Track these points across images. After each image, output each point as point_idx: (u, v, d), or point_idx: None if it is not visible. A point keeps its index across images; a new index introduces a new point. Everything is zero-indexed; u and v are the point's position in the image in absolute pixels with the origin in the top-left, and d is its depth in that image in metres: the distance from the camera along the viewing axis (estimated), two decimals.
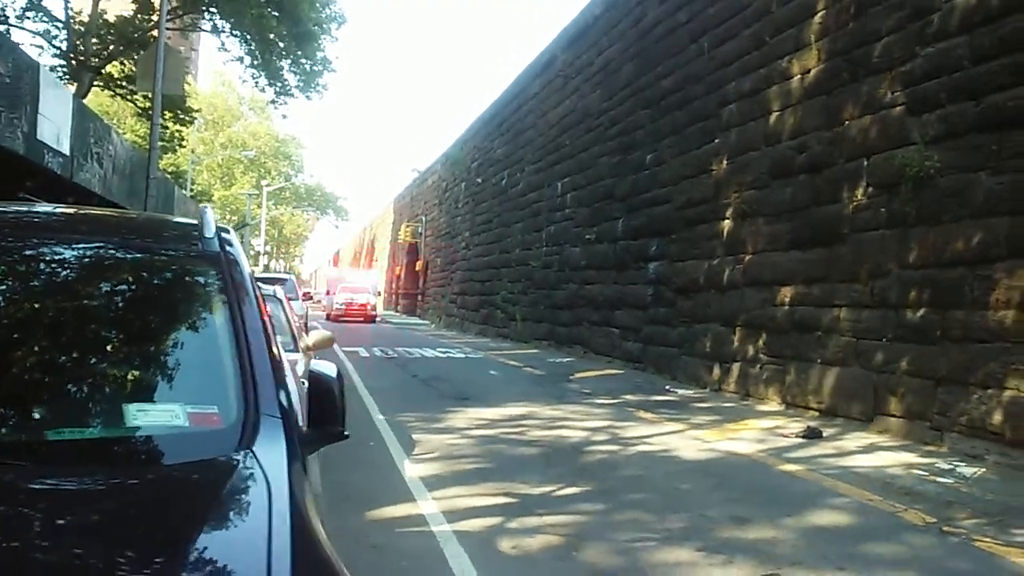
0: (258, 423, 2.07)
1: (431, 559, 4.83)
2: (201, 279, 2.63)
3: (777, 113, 12.56)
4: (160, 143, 26.55)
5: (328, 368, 2.55)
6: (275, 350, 2.48)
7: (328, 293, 46.98)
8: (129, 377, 2.30)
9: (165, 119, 26.46)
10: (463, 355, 20.25)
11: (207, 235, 2.74)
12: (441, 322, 38.23)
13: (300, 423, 2.39)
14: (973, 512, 6.24)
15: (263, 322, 2.46)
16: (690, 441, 8.96)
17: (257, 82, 27.94)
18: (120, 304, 2.61)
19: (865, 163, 10.46)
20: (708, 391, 13.36)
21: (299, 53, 26.08)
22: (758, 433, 9.57)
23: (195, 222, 2.91)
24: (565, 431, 9.36)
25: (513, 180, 28.41)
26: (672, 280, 15.60)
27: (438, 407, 10.94)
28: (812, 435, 9.23)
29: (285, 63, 26.68)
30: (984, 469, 7.72)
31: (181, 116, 28.54)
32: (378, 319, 40.88)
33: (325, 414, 2.41)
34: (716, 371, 13.59)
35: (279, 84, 27.28)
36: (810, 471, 7.56)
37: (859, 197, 10.52)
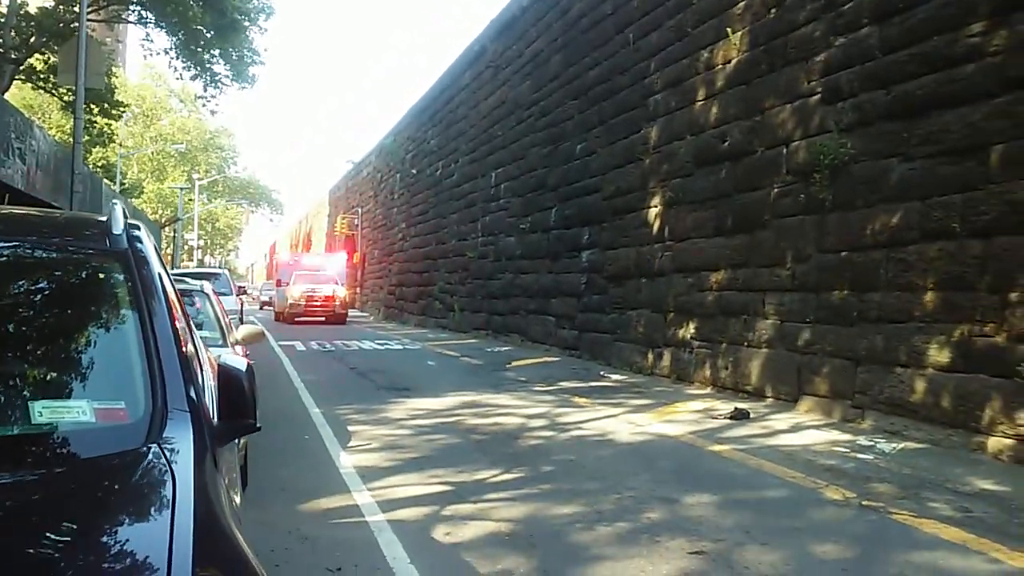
0: (165, 417, 2.15)
1: (365, 549, 4.93)
2: (109, 276, 2.66)
3: (700, 103, 12.85)
4: (88, 137, 25.92)
5: (238, 362, 2.59)
6: (187, 346, 2.54)
7: (279, 285, 35.50)
8: (35, 375, 2.36)
9: (93, 113, 25.87)
10: (401, 346, 20.27)
11: (115, 232, 2.76)
12: (380, 314, 38.08)
13: (212, 417, 2.43)
14: (891, 486, 6.55)
15: (172, 318, 2.51)
16: (624, 425, 9.19)
17: (182, 75, 27.54)
18: (25, 303, 2.64)
19: (784, 151, 10.79)
20: (642, 376, 13.64)
21: (227, 44, 25.71)
22: (689, 415, 9.85)
23: (104, 219, 2.94)
24: (502, 419, 9.52)
25: (448, 171, 28.44)
26: (604, 268, 15.86)
27: (375, 399, 11.00)
28: (740, 416, 9.52)
29: (213, 54, 26.29)
30: (903, 445, 8.07)
31: (109, 110, 27.91)
32: (348, 319, 32.41)
33: (235, 407, 2.44)
34: (649, 356, 13.88)
35: (207, 75, 26.88)
36: (737, 451, 7.83)
37: (779, 184, 10.85)
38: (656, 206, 14.00)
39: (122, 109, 32.44)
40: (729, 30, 12.08)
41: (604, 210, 15.96)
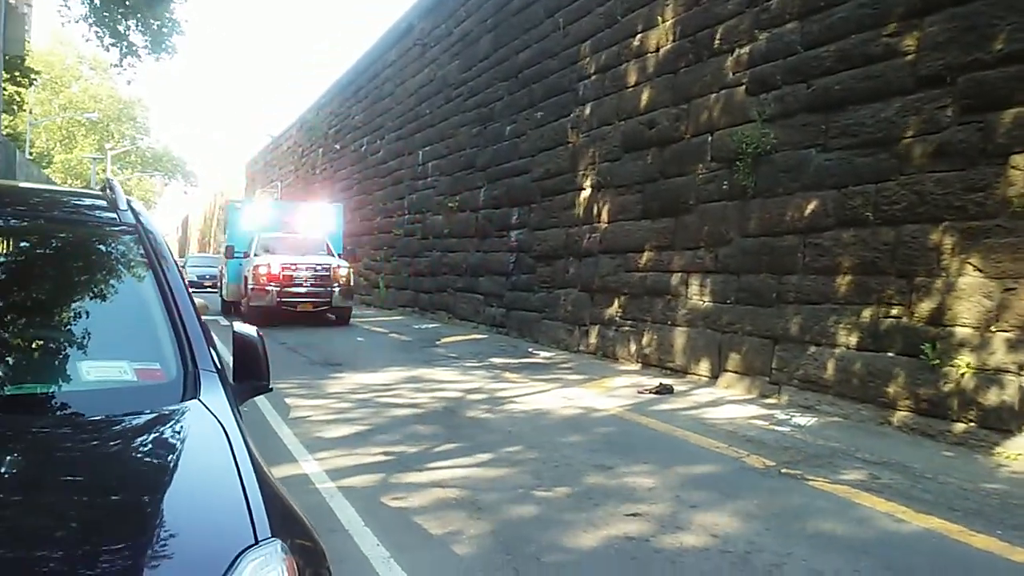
0: (198, 377, 2.39)
1: (319, 514, 5.13)
2: (126, 249, 2.87)
3: (629, 89, 13.22)
4: None
5: (250, 329, 2.81)
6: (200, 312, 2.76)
7: (231, 255, 20.69)
8: (76, 339, 2.56)
9: (3, 80, 24.97)
10: (328, 323, 20.27)
11: (121, 207, 2.98)
12: None
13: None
14: (806, 456, 7.05)
15: (185, 287, 2.74)
16: (556, 399, 9.55)
17: (102, 40, 26.74)
18: (59, 275, 2.86)
19: (710, 138, 11.25)
20: (569, 353, 14.05)
21: (147, 13, 25.04)
22: (617, 390, 10.27)
23: (100, 193, 3.14)
24: (436, 393, 9.78)
25: (373, 147, 28.36)
26: (533, 248, 16.19)
27: (310, 374, 11.13)
28: (665, 391, 9.99)
29: (131, 23, 25.57)
30: (816, 418, 8.62)
31: (18, 77, 26.98)
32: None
33: (250, 369, 2.67)
34: (576, 334, 14.30)
35: (124, 44, 26.15)
36: (664, 423, 8.27)
37: (704, 171, 11.32)
38: (585, 188, 14.37)
39: (33, 76, 31.35)
40: (660, 18, 12.46)
41: (533, 191, 16.28)
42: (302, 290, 18.27)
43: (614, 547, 4.72)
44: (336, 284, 18.53)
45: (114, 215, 2.93)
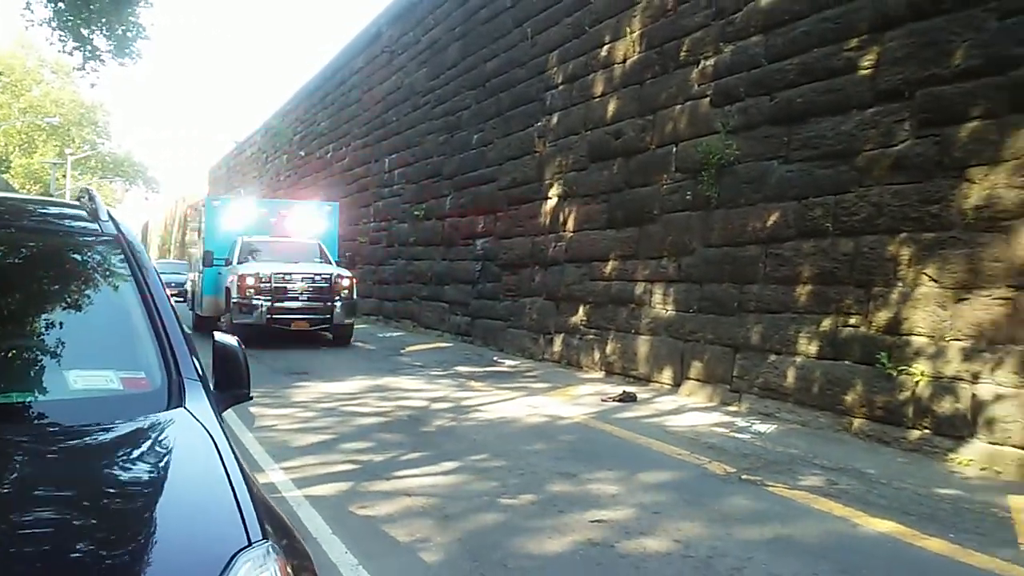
0: (182, 385, 2.42)
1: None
2: (109, 259, 2.90)
3: (596, 99, 13.35)
4: None
5: (231, 339, 2.86)
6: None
7: (209, 262, 17.41)
8: (62, 348, 2.58)
9: None
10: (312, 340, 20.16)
11: (102, 218, 3.01)
12: None
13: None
14: (766, 463, 7.17)
15: (167, 297, 2.78)
16: (521, 407, 9.60)
17: (65, 44, 26.43)
18: (43, 286, 2.88)
19: (674, 149, 11.40)
20: (533, 361, 14.12)
21: (111, 17, 24.81)
22: (581, 398, 10.35)
23: (81, 204, 3.16)
24: (402, 402, 9.79)
25: (339, 155, 28.27)
26: (499, 256, 16.25)
27: (275, 383, 11.07)
28: (628, 399, 10.08)
29: (95, 28, 25.31)
30: (776, 425, 8.76)
31: None
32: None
33: (232, 378, 2.73)
34: (541, 342, 14.37)
35: (87, 48, 25.88)
36: (627, 431, 8.35)
37: (668, 181, 11.46)
38: (551, 198, 14.47)
39: None
40: (627, 29, 12.61)
41: (500, 200, 16.35)
42: (297, 305, 15.37)
43: (579, 553, 4.78)
44: (337, 298, 15.61)
45: (96, 226, 2.96)
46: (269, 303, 15.14)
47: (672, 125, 11.47)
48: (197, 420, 2.30)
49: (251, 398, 2.87)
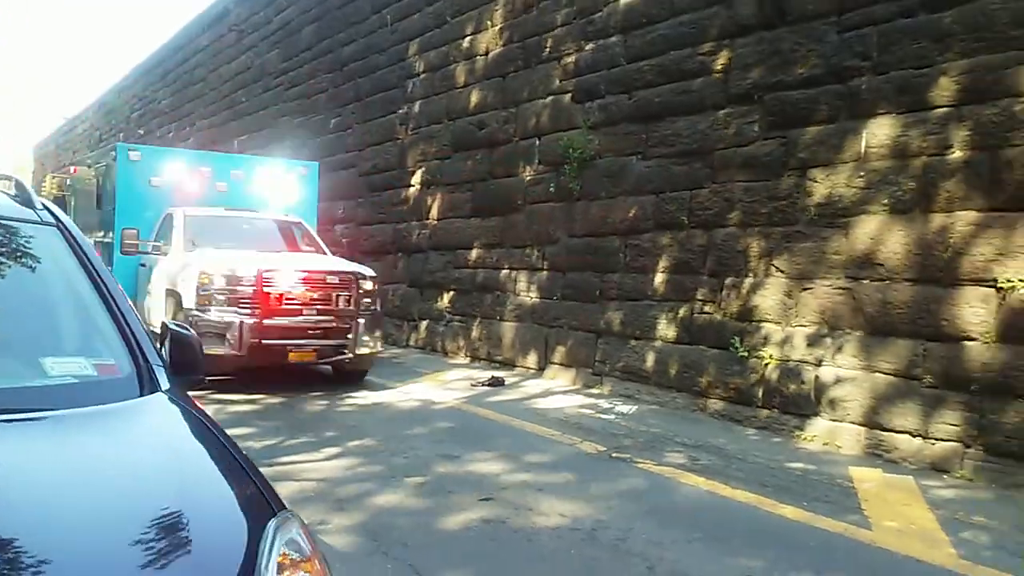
0: (152, 370, 2.49)
1: None
2: (54, 247, 2.87)
3: (458, 90, 13.58)
4: None
5: (185, 327, 2.92)
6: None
7: (134, 246, 10.61)
8: (31, 336, 2.60)
9: None
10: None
11: (37, 206, 2.99)
12: None
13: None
14: (632, 441, 7.64)
15: (115, 282, 2.82)
16: (393, 393, 9.75)
17: None
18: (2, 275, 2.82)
19: (537, 142, 11.79)
20: (398, 348, 14.24)
21: None
22: (451, 383, 10.59)
23: (7, 191, 3.11)
24: (272, 387, 9.73)
25: (182, 134, 27.27)
26: (360, 243, 16.24)
27: None
28: (496, 383, 10.41)
29: None
30: (637, 406, 9.30)
31: None
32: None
33: (188, 363, 2.77)
34: (405, 329, 14.52)
35: None
36: (501, 414, 8.67)
37: (532, 173, 11.85)
38: (415, 185, 14.61)
39: None
40: (489, 23, 12.88)
41: (360, 186, 16.33)
42: (299, 322, 9.43)
43: (473, 529, 5.05)
44: (361, 310, 9.82)
45: (33, 213, 2.93)
46: (253, 319, 9.15)
47: (535, 119, 11.84)
48: (182, 404, 2.40)
49: (204, 381, 2.94)
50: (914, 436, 7.05)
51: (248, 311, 9.17)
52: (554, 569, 4.54)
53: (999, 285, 6.55)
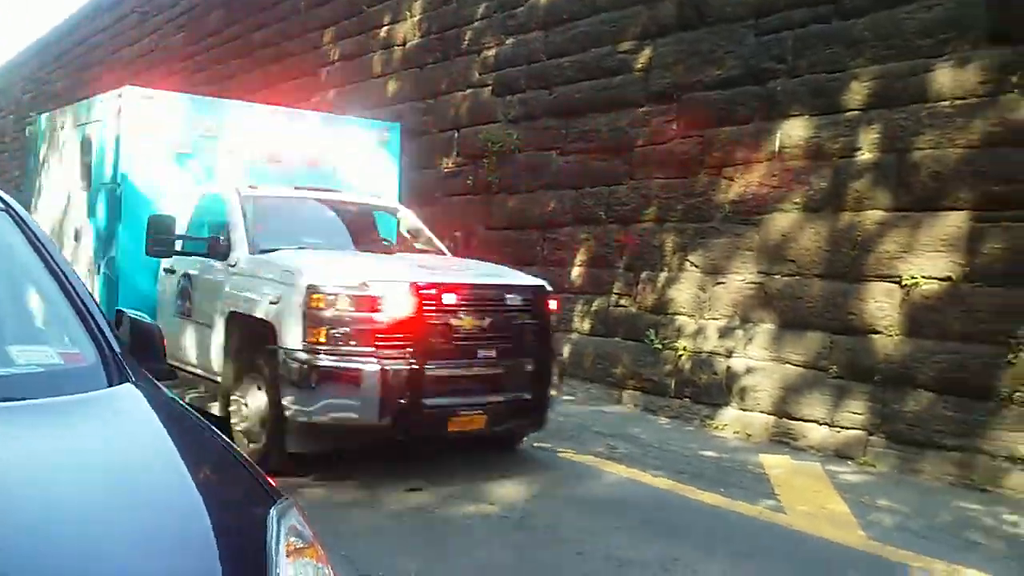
0: (119, 360, 2.42)
1: None
2: (7, 233, 2.72)
3: (376, 79, 13.47)
4: None
5: (142, 315, 2.83)
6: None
7: (188, 250, 6.76)
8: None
9: None
10: None
11: None
12: None
13: None
14: (552, 431, 7.68)
15: (71, 269, 2.73)
16: None
17: None
18: None
19: (456, 135, 11.81)
20: None
21: None
22: None
23: None
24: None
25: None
26: None
27: None
28: None
29: None
30: (555, 396, 9.39)
31: None
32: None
33: (150, 354, 2.67)
34: None
35: None
36: None
37: (451, 165, 11.86)
38: None
39: None
40: (408, 13, 12.82)
41: None
42: (473, 372, 6.02)
43: (406, 518, 5.07)
44: (547, 353, 6.47)
45: None
46: (407, 365, 5.59)
47: (454, 111, 11.85)
48: (163, 392, 2.36)
49: (172, 373, 2.89)
50: (821, 424, 7.36)
51: (396, 352, 5.56)
52: (490, 555, 4.60)
53: (903, 281, 6.90)
